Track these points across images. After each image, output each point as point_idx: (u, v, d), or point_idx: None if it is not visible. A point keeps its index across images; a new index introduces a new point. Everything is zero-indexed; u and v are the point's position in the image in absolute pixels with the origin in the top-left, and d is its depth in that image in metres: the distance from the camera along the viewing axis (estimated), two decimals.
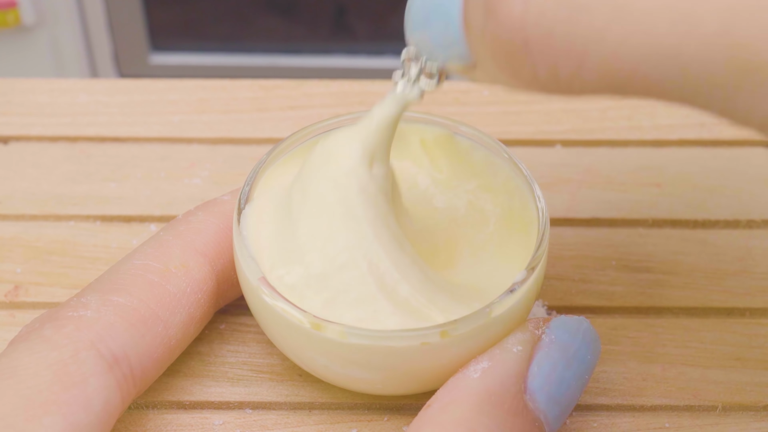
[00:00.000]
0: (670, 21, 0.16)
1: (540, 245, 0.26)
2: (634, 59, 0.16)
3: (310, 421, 0.27)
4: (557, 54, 0.17)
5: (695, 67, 0.16)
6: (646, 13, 0.16)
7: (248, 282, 0.25)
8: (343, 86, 0.40)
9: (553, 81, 0.18)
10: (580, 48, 0.17)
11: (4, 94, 0.39)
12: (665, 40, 0.16)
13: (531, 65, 0.18)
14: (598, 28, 0.16)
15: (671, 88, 0.16)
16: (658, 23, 0.16)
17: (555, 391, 0.24)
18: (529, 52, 0.17)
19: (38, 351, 0.23)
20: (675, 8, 0.16)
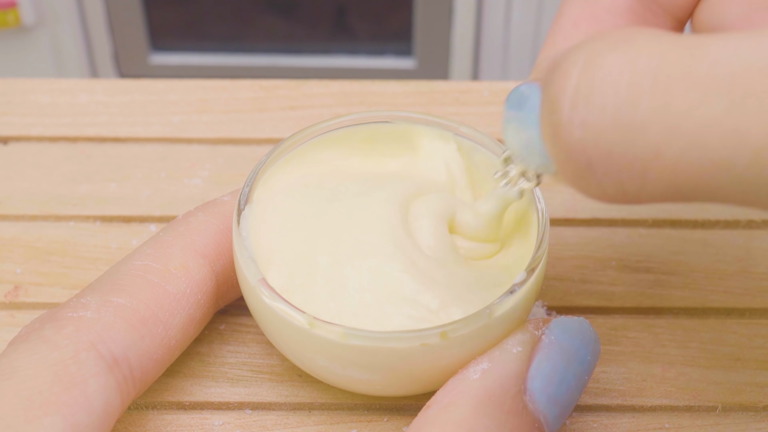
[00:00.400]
0: (720, 135, 0.17)
1: (540, 246, 0.26)
2: (693, 171, 0.17)
3: (310, 422, 0.27)
4: (620, 171, 0.18)
5: (749, 175, 0.17)
6: (697, 128, 0.17)
7: (248, 283, 0.25)
8: (344, 86, 0.40)
9: (621, 194, 0.19)
10: (640, 164, 0.18)
11: (4, 94, 0.39)
12: (718, 153, 0.17)
13: (597, 183, 0.19)
14: (654, 144, 0.17)
15: (731, 195, 0.17)
16: (710, 138, 0.17)
17: (555, 391, 0.24)
18: (593, 171, 0.19)
19: (38, 351, 0.23)
20: (723, 123, 0.16)
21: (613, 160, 0.18)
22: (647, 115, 0.17)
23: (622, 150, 0.18)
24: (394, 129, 0.30)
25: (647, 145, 0.17)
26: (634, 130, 0.17)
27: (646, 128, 0.17)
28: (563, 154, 0.19)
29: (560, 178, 0.21)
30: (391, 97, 0.39)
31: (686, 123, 0.17)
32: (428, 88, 0.39)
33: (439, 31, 1.08)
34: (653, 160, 0.18)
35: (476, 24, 1.07)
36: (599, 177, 0.19)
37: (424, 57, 1.09)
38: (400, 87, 0.39)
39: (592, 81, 0.18)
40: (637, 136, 0.17)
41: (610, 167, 0.18)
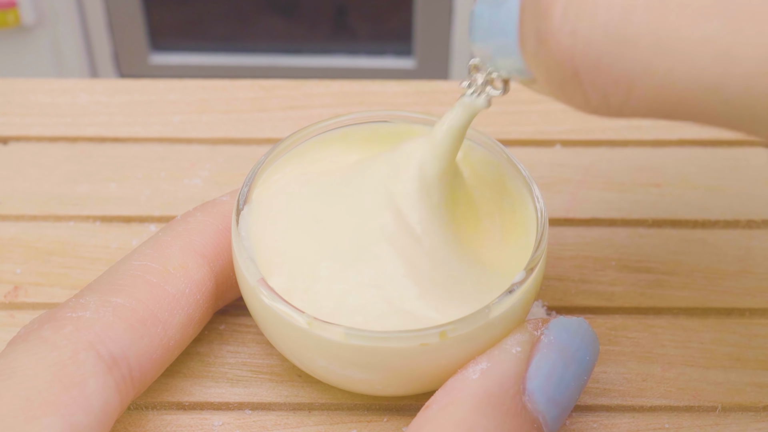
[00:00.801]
0: (711, 56, 0.16)
1: (539, 246, 0.26)
2: (680, 90, 0.17)
3: (310, 422, 0.27)
4: (606, 83, 0.18)
5: (738, 99, 0.16)
6: (689, 47, 0.16)
7: (247, 283, 0.25)
8: (343, 86, 0.40)
9: (604, 107, 0.18)
10: (627, 79, 0.18)
11: (4, 94, 0.39)
12: (708, 73, 0.16)
13: (582, 92, 0.19)
14: (643, 60, 0.17)
15: (717, 116, 0.17)
16: (701, 57, 0.16)
17: (554, 392, 0.24)
18: (579, 80, 0.18)
19: (37, 352, 0.23)
20: (716, 43, 0.16)
21: (600, 72, 0.18)
22: (639, 29, 0.17)
23: (610, 62, 0.17)
24: (394, 129, 0.30)
25: (636, 59, 0.17)
26: (624, 43, 0.17)
27: (637, 42, 0.17)
28: (549, 61, 0.19)
29: (539, 86, 0.20)
30: (391, 97, 0.39)
31: (678, 40, 0.17)
32: (428, 88, 0.39)
33: (439, 31, 1.08)
34: (641, 75, 0.17)
35: None
36: (585, 87, 0.18)
37: (424, 57, 1.09)
38: (400, 87, 0.39)
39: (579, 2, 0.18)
40: (627, 50, 0.17)
41: (596, 78, 0.18)
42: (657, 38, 0.17)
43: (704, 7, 0.16)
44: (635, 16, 0.17)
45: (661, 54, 0.17)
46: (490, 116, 0.38)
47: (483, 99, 0.25)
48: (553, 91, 0.20)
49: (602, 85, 0.18)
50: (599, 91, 0.18)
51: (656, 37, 0.17)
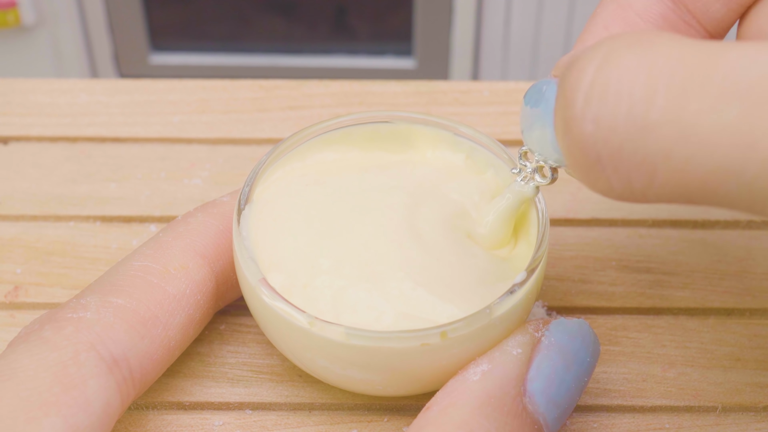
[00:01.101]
0: (731, 142, 0.16)
1: (540, 246, 0.26)
2: (701, 175, 0.17)
3: (310, 422, 0.27)
4: (628, 169, 0.18)
5: (759, 184, 0.17)
6: (709, 135, 0.17)
7: (248, 283, 0.25)
8: (344, 86, 0.40)
9: (628, 192, 0.19)
10: (650, 164, 0.18)
11: (4, 94, 0.39)
12: (729, 160, 0.17)
13: (605, 178, 0.19)
14: (665, 146, 0.17)
15: (740, 201, 0.17)
16: (721, 145, 0.17)
17: (554, 393, 0.24)
18: (602, 167, 0.19)
19: (38, 352, 0.23)
20: (736, 131, 0.16)
21: (622, 158, 0.18)
22: (660, 116, 0.17)
23: (632, 148, 0.18)
24: (395, 129, 0.30)
25: (658, 145, 0.17)
26: (645, 129, 0.17)
27: (658, 129, 0.17)
28: (574, 148, 0.19)
29: (571, 172, 0.21)
30: (391, 97, 0.39)
31: (699, 127, 0.17)
32: (428, 88, 0.39)
33: (439, 31, 1.08)
34: (663, 162, 0.18)
35: (476, 24, 1.07)
36: (608, 173, 0.19)
37: (424, 57, 1.09)
38: (400, 87, 0.39)
39: (608, 78, 0.18)
40: (649, 136, 0.17)
41: (619, 164, 0.18)
42: (678, 125, 0.17)
43: (724, 93, 0.16)
44: (656, 103, 0.17)
45: (683, 140, 0.17)
46: (490, 116, 0.38)
47: (531, 187, 0.26)
48: (580, 177, 0.20)
49: (625, 171, 0.18)
50: (622, 176, 0.18)
51: (677, 123, 0.17)
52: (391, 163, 0.29)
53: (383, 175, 0.28)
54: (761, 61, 0.16)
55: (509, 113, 0.38)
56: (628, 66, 0.18)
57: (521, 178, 0.26)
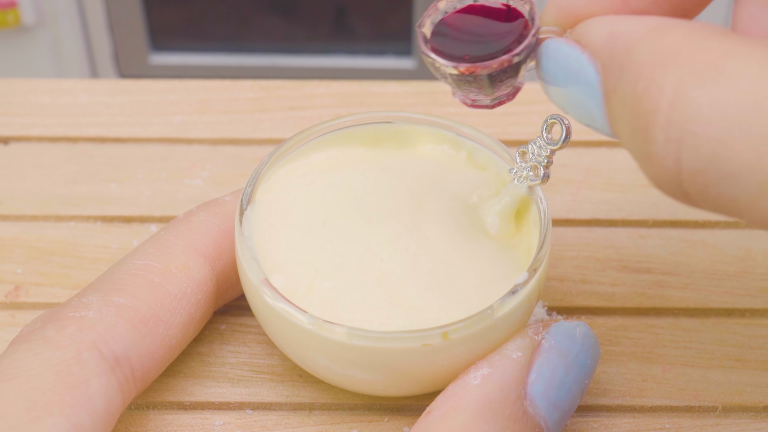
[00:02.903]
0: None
1: (542, 247, 0.26)
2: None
3: (311, 422, 0.27)
4: (714, 205, 0.18)
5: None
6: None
7: (250, 283, 0.25)
8: (344, 87, 0.40)
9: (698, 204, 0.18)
10: (735, 208, 0.17)
11: (4, 95, 0.39)
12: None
13: (682, 193, 0.18)
14: (749, 198, 0.17)
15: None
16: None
17: (555, 396, 0.24)
18: (687, 197, 0.18)
19: (40, 352, 0.23)
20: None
21: (707, 197, 0.17)
22: (741, 166, 0.16)
23: (717, 192, 0.17)
24: (397, 129, 0.30)
25: (742, 194, 0.17)
26: (729, 178, 0.17)
27: (741, 179, 0.16)
28: (655, 178, 0.18)
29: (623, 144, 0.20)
30: (392, 97, 0.39)
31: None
32: (428, 88, 0.39)
33: None
34: (748, 209, 0.17)
35: None
36: (691, 199, 0.18)
37: None
38: (400, 87, 0.40)
39: (683, 120, 0.17)
40: (734, 185, 0.17)
41: (704, 200, 0.18)
42: (761, 177, 0.16)
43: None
44: (735, 151, 0.16)
45: (765, 197, 0.16)
46: (491, 117, 0.38)
47: (524, 187, 0.27)
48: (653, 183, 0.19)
49: (710, 205, 0.18)
50: (707, 207, 0.18)
51: (760, 175, 0.16)
52: (394, 163, 0.29)
53: (386, 175, 0.28)
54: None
55: (509, 113, 0.38)
56: (702, 106, 0.17)
57: (517, 178, 0.27)
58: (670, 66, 0.18)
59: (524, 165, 0.27)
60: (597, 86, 0.20)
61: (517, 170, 0.27)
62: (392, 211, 0.27)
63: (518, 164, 0.27)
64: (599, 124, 0.20)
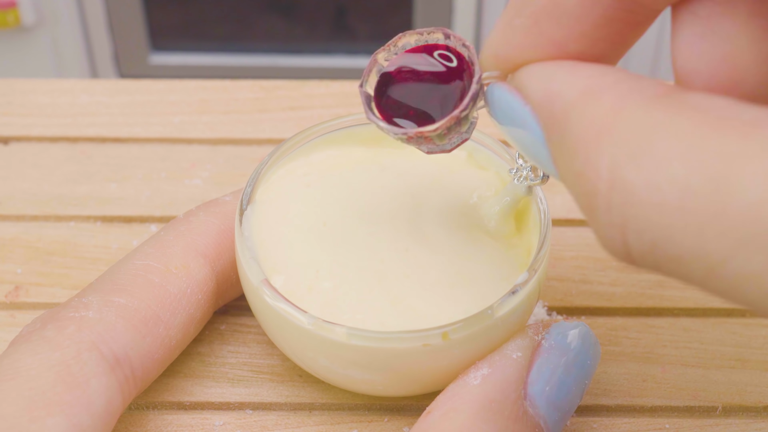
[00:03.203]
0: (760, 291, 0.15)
1: (542, 247, 0.26)
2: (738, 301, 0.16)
3: (311, 422, 0.27)
4: (659, 273, 0.17)
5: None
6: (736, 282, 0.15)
7: (250, 283, 0.25)
8: (344, 87, 0.40)
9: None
10: (681, 280, 0.17)
11: (4, 95, 0.39)
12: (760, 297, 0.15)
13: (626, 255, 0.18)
14: (694, 280, 0.16)
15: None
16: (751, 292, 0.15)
17: (555, 396, 0.24)
18: (631, 260, 0.17)
19: (40, 352, 0.23)
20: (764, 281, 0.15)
21: (660, 272, 0.17)
22: (685, 251, 0.16)
23: (668, 271, 0.17)
24: None
25: (692, 275, 0.16)
26: (676, 261, 0.16)
27: (688, 263, 0.16)
28: (604, 246, 0.18)
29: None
30: None
31: (724, 271, 0.15)
32: None
33: None
34: (701, 286, 0.16)
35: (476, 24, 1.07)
36: (633, 258, 0.17)
37: None
38: None
39: (623, 204, 0.16)
40: (681, 267, 0.16)
41: (649, 268, 0.17)
42: (703, 265, 0.16)
43: (744, 239, 0.15)
44: (677, 241, 0.16)
45: (711, 278, 0.16)
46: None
47: (524, 187, 0.27)
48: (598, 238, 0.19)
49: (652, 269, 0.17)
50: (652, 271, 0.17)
51: (702, 263, 0.16)
52: (394, 163, 0.29)
53: (386, 175, 0.28)
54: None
55: None
56: (638, 189, 0.16)
57: (517, 178, 0.27)
58: (604, 143, 0.17)
59: (524, 165, 0.27)
60: (542, 140, 0.19)
61: (517, 170, 0.27)
62: (392, 211, 0.27)
63: (518, 164, 0.27)
64: (550, 172, 0.20)
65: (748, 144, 0.15)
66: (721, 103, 0.16)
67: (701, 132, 0.15)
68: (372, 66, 0.24)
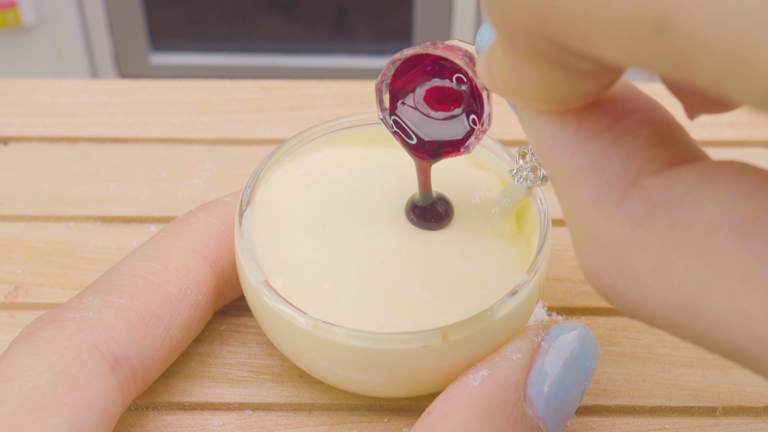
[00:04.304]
0: (742, 329, 0.15)
1: (542, 247, 0.26)
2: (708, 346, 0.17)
3: (310, 422, 0.27)
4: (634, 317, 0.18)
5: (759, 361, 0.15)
6: (717, 316, 0.15)
7: (250, 284, 0.25)
8: (344, 87, 0.40)
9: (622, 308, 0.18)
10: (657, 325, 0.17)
11: (4, 95, 0.39)
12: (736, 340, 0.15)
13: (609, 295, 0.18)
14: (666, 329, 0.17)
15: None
16: (731, 329, 0.15)
17: (554, 397, 0.24)
18: (606, 297, 0.18)
19: (40, 352, 0.23)
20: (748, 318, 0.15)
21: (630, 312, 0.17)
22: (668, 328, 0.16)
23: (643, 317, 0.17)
24: None
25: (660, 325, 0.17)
26: (644, 317, 0.17)
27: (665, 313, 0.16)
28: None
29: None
30: None
31: (705, 310, 0.15)
32: None
33: (439, 31, 1.08)
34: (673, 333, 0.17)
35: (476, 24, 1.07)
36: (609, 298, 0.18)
37: None
38: None
39: (588, 275, 0.17)
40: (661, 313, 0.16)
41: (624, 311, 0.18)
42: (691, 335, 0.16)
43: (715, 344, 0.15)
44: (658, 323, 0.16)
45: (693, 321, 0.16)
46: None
47: (524, 188, 0.27)
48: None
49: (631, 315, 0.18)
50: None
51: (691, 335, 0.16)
52: (394, 163, 0.29)
53: (385, 175, 0.28)
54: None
55: (510, 113, 0.38)
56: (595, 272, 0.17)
57: (517, 179, 0.27)
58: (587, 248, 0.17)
59: (524, 165, 0.27)
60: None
61: (518, 171, 0.27)
62: (392, 212, 0.27)
63: (518, 165, 0.27)
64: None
65: (707, 273, 0.15)
66: (680, 197, 0.16)
67: (666, 253, 0.16)
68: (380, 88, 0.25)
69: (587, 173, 0.18)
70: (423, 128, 0.25)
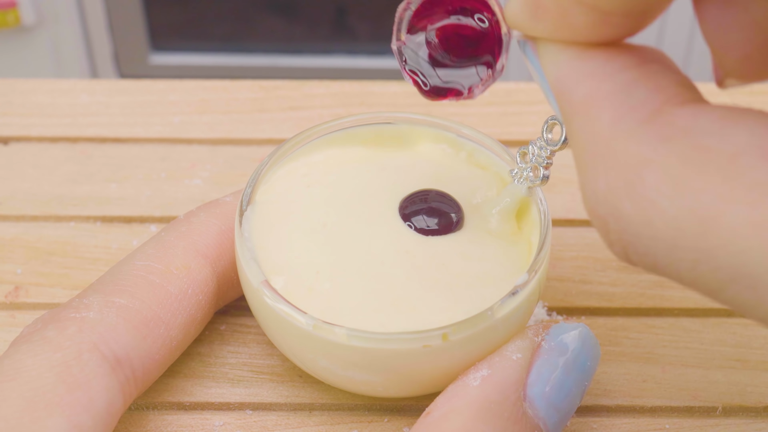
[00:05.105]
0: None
1: (542, 247, 0.26)
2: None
3: (311, 422, 0.27)
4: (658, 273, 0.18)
5: None
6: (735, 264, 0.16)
7: (250, 284, 0.25)
8: (344, 87, 0.40)
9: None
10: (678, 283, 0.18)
11: (4, 95, 0.39)
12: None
13: (626, 258, 0.18)
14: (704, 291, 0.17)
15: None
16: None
17: (554, 397, 0.24)
18: (629, 262, 0.18)
19: (41, 352, 0.23)
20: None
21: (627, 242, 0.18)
22: (682, 277, 0.17)
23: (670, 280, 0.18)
24: (397, 130, 0.30)
25: (696, 288, 0.17)
26: (676, 279, 0.17)
27: (685, 284, 0.17)
28: (603, 238, 0.19)
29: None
30: (392, 97, 0.39)
31: (720, 295, 0.16)
32: None
33: None
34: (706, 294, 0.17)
35: None
36: (634, 263, 0.18)
37: None
38: (400, 87, 0.39)
39: (620, 231, 0.18)
40: (679, 283, 0.17)
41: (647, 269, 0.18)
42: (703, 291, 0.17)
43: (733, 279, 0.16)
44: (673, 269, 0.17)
45: (713, 297, 0.16)
46: (491, 117, 0.38)
47: (524, 188, 0.27)
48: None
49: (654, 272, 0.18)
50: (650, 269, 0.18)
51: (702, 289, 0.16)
52: (394, 164, 0.29)
53: (386, 176, 0.28)
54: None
55: (509, 114, 0.38)
56: (632, 219, 0.17)
57: (517, 179, 0.27)
58: (599, 169, 0.18)
59: (524, 166, 0.27)
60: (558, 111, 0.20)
61: (518, 171, 0.27)
62: (392, 211, 0.27)
63: (518, 165, 0.27)
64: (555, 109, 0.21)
65: (730, 187, 0.15)
66: (706, 126, 0.16)
67: (686, 171, 0.16)
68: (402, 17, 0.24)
69: (611, 99, 0.18)
70: (434, 68, 0.24)
